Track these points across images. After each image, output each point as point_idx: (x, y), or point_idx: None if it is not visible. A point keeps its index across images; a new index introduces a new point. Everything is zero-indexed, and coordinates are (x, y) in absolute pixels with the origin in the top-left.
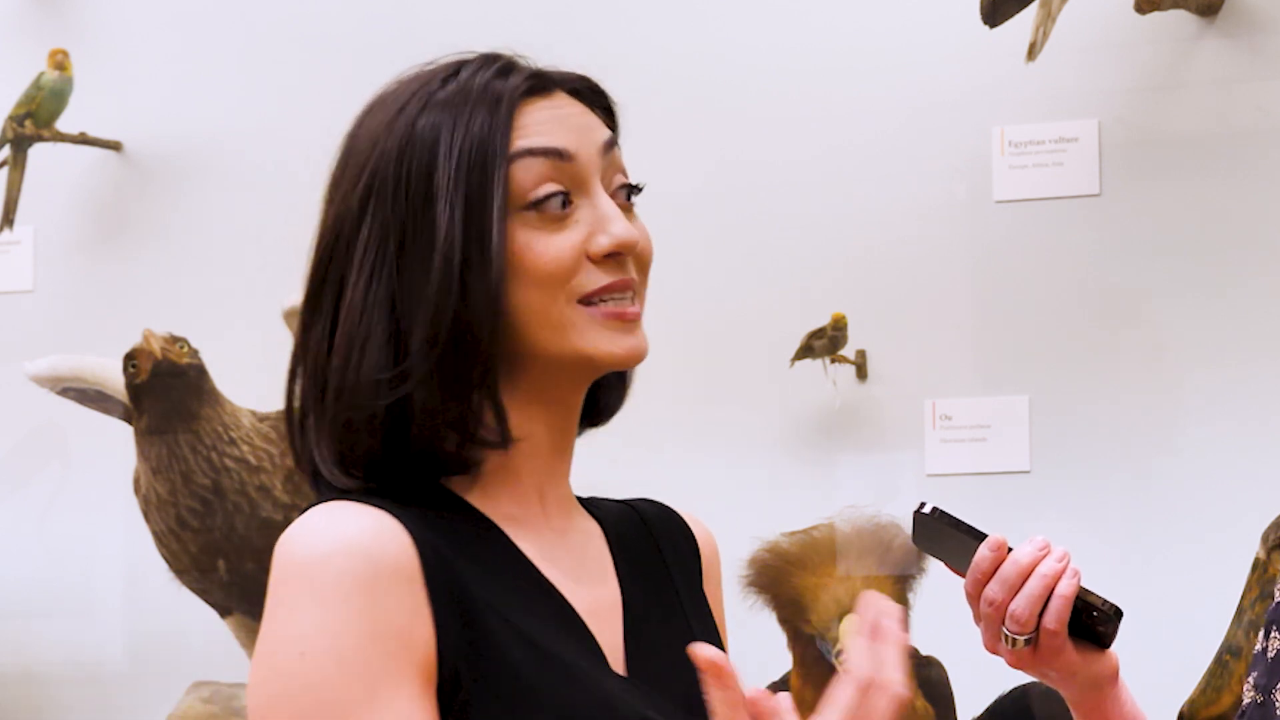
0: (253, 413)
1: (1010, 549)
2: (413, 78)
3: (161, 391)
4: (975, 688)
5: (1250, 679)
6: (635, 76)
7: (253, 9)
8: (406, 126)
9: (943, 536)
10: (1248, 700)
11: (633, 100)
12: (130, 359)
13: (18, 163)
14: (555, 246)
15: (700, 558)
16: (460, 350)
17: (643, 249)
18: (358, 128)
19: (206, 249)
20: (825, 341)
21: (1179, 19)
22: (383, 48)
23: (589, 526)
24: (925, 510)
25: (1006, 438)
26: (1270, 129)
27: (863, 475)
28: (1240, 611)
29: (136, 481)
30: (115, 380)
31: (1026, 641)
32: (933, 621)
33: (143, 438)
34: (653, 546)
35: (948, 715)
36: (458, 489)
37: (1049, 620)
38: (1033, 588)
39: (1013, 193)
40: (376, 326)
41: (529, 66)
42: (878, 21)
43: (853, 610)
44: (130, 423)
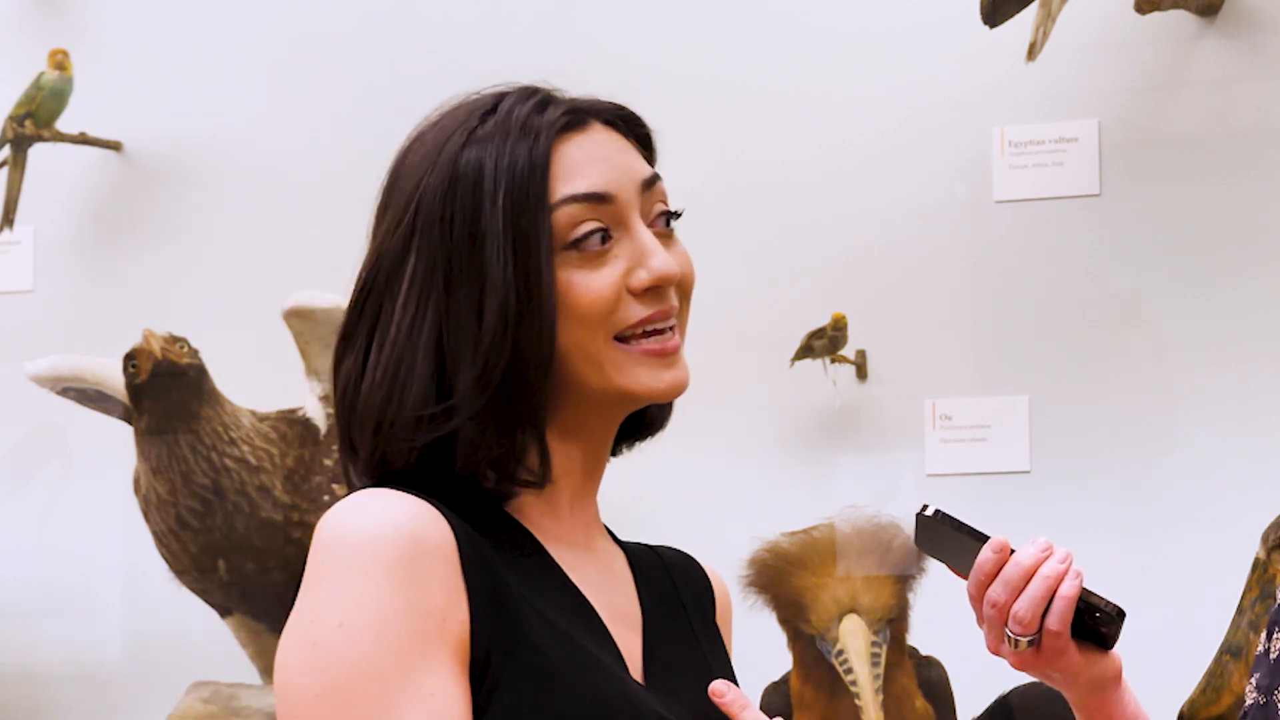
0: (253, 413)
1: (1013, 550)
2: (455, 109)
3: (161, 391)
4: (975, 688)
5: (1253, 680)
6: (635, 77)
7: (252, 9)
8: (449, 164)
9: (945, 538)
10: (1250, 701)
11: (632, 101)
12: (130, 359)
13: (18, 163)
14: (597, 284)
15: (715, 606)
16: (510, 390)
17: (684, 277)
18: (402, 161)
19: (206, 249)
20: (825, 341)
21: (1179, 19)
22: (383, 48)
23: (612, 549)
24: (927, 512)
25: (1006, 438)
26: (1270, 129)
27: (863, 475)
28: (1240, 611)
29: (136, 481)
30: (115, 380)
31: (1030, 643)
32: (933, 621)
33: (143, 438)
34: (670, 585)
35: (948, 715)
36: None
37: (1052, 621)
38: (1035, 589)
39: (1013, 193)
40: (422, 362)
41: (565, 99)
42: (878, 21)
43: (853, 610)
44: (130, 423)
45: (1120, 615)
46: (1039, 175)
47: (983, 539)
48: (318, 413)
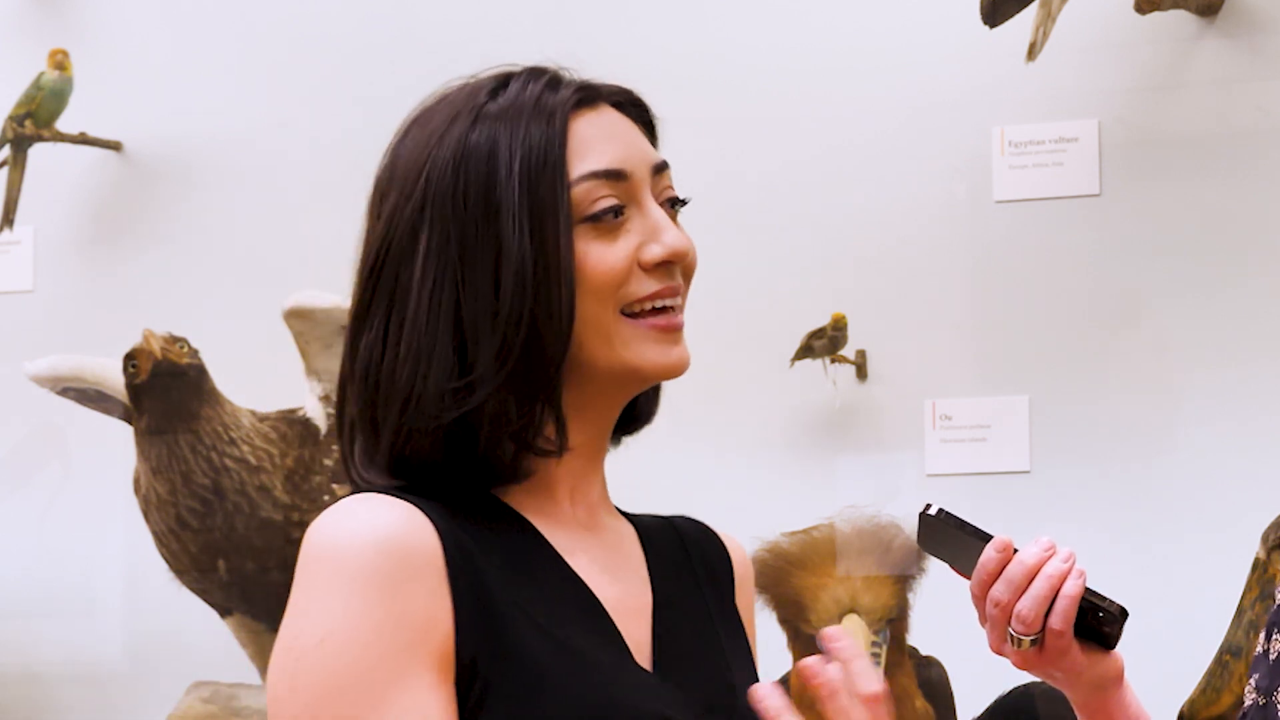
0: (253, 413)
1: (1016, 550)
2: (457, 90)
3: (161, 391)
4: (975, 688)
5: (1252, 681)
6: (635, 77)
7: (252, 9)
8: (459, 139)
9: (948, 538)
10: (1249, 702)
11: None
12: (130, 359)
13: (18, 163)
14: (611, 256)
15: (734, 575)
16: (529, 362)
17: (691, 258)
18: (402, 141)
19: (206, 249)
20: (825, 341)
21: (1179, 19)
22: (383, 48)
23: (623, 528)
24: (931, 512)
25: (1006, 438)
26: (1270, 129)
27: (863, 475)
28: (1240, 611)
29: (136, 481)
30: (115, 380)
31: (1032, 642)
32: (933, 621)
33: (143, 438)
34: (685, 558)
35: (948, 715)
36: (494, 490)
37: (1055, 621)
38: (1038, 588)
39: (1013, 193)
40: (442, 337)
41: (575, 79)
42: (878, 21)
43: (853, 610)
44: (130, 423)
45: (1123, 615)
46: (1039, 175)
47: (986, 538)
48: (318, 413)
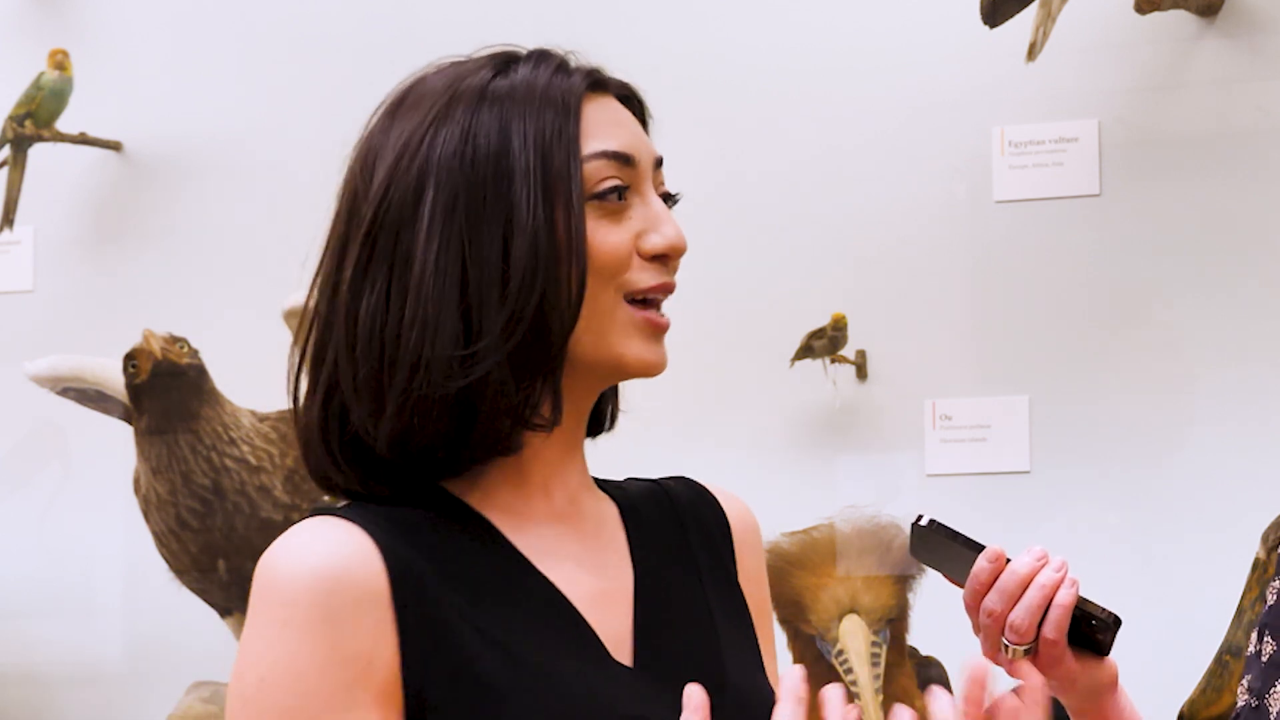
0: (253, 413)
1: (1008, 560)
2: (454, 66)
3: (161, 391)
4: None
5: (1244, 682)
6: (635, 77)
7: (252, 9)
8: (469, 107)
9: (941, 548)
10: (1242, 703)
11: None
12: (130, 359)
13: (18, 163)
14: (615, 237)
15: (732, 537)
16: (536, 337)
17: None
18: (391, 116)
19: (206, 249)
20: (825, 341)
21: (1179, 19)
22: (383, 48)
23: (603, 513)
24: (923, 522)
25: (1006, 438)
26: (1270, 129)
27: (863, 475)
28: (1240, 612)
29: (136, 481)
30: (115, 380)
31: (1026, 651)
32: (933, 621)
33: (143, 438)
34: (678, 529)
35: None
36: (457, 490)
37: (1048, 630)
38: (1031, 598)
39: (1013, 193)
40: (448, 302)
41: (582, 65)
42: (878, 21)
43: (853, 610)
44: (130, 423)
45: (1116, 623)
46: (1039, 175)
47: (978, 548)
48: None
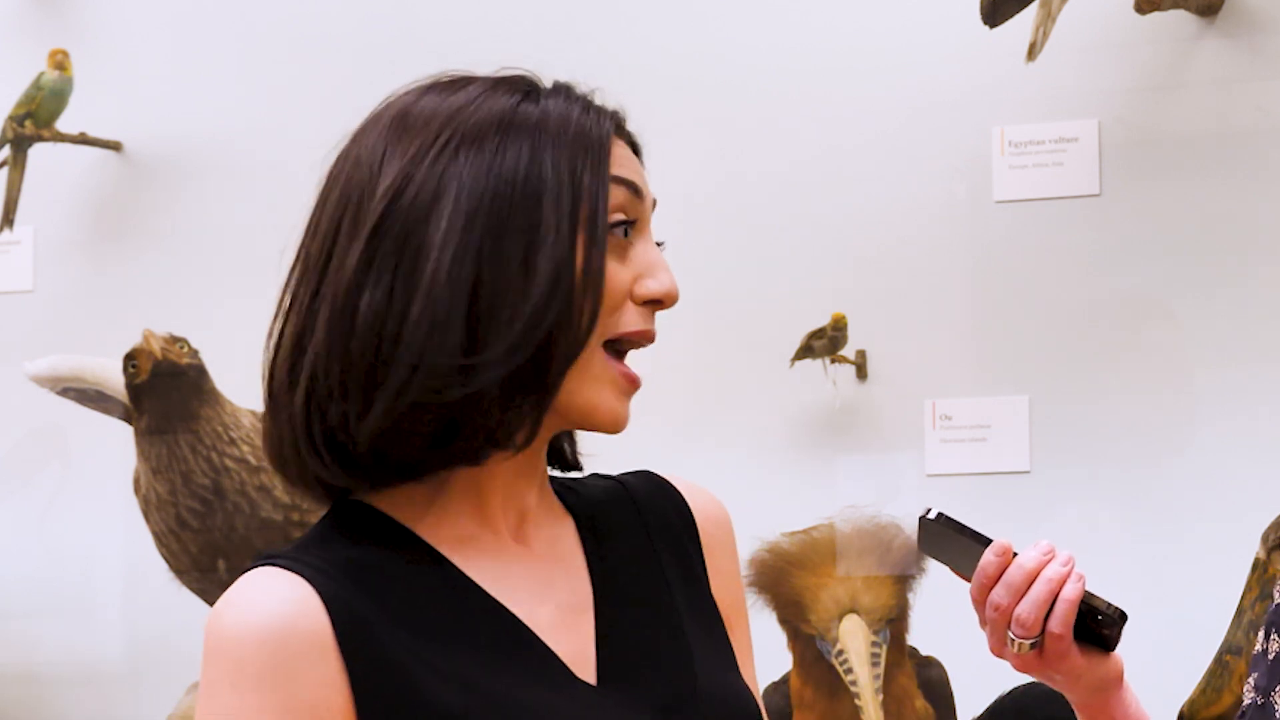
0: (253, 413)
1: (1015, 553)
2: (451, 84)
3: (161, 391)
4: (975, 688)
5: (1250, 680)
6: (635, 77)
7: (252, 9)
8: (495, 129)
9: (947, 542)
10: (1248, 701)
11: (633, 101)
12: (130, 359)
13: (18, 163)
14: (620, 275)
15: (699, 534)
16: (539, 361)
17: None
18: (403, 118)
19: (206, 249)
20: (825, 341)
21: (1179, 19)
22: (383, 48)
23: (561, 527)
24: (930, 516)
25: (1006, 438)
26: (1270, 129)
27: (863, 475)
28: (1240, 612)
29: (136, 481)
30: (115, 380)
31: (1032, 645)
32: (933, 621)
33: (143, 438)
34: (640, 530)
35: (948, 715)
36: (409, 521)
37: (1054, 624)
38: (1038, 592)
39: (1013, 193)
40: (456, 308)
41: (605, 105)
42: (878, 21)
43: (853, 610)
44: (130, 423)
45: (1122, 618)
46: (1039, 175)
47: (985, 542)
48: None
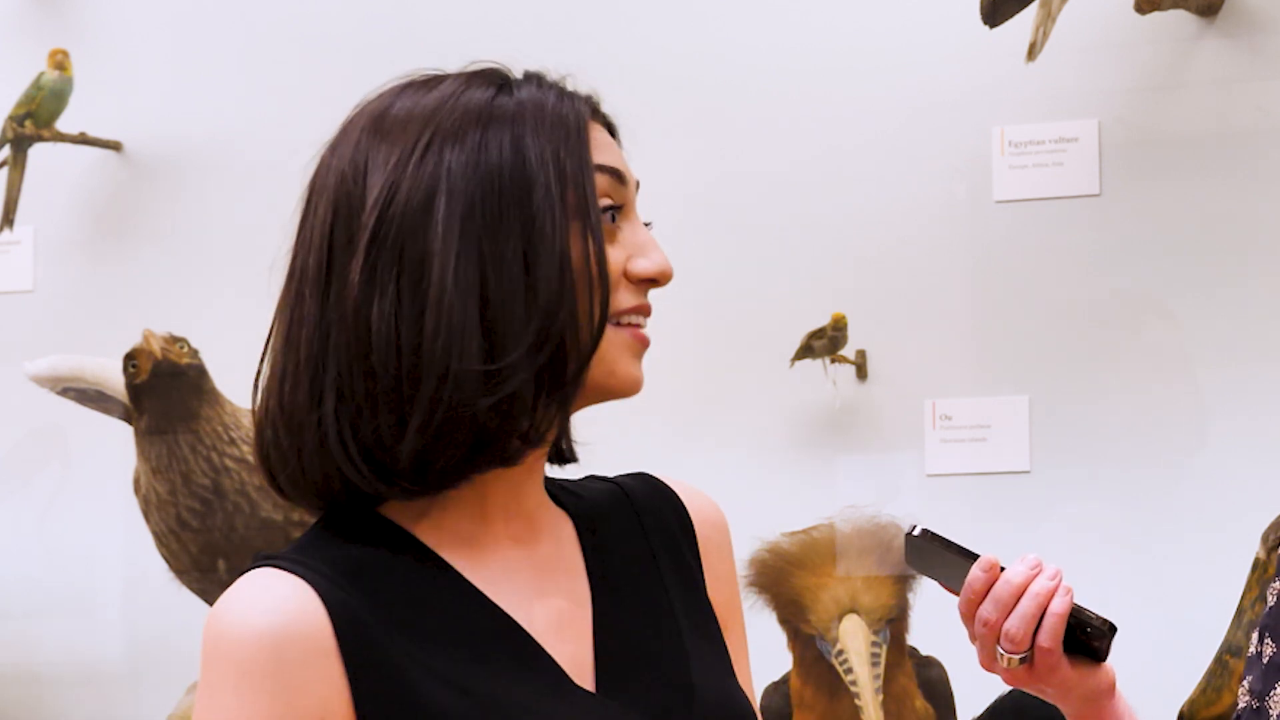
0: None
1: (1003, 568)
2: (425, 82)
3: (161, 391)
4: (975, 688)
5: (1245, 683)
6: (635, 77)
7: (252, 9)
8: (474, 123)
9: (935, 557)
10: (1243, 704)
11: (632, 101)
12: (130, 359)
13: (18, 163)
14: (612, 258)
15: (696, 538)
16: (558, 357)
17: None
18: (380, 119)
19: (206, 249)
20: (825, 341)
21: (1179, 19)
22: (383, 48)
23: (559, 532)
24: (915, 533)
25: (1006, 438)
26: (1270, 129)
27: (863, 475)
28: (1240, 612)
29: (136, 481)
30: (115, 380)
31: (1022, 660)
32: (933, 621)
33: (143, 438)
34: (638, 534)
35: (948, 715)
36: (407, 523)
37: (1043, 638)
38: (1026, 607)
39: (1013, 193)
40: (470, 315)
41: (579, 90)
42: (878, 21)
43: (853, 610)
44: (130, 423)
45: (1111, 630)
46: (1039, 175)
47: (972, 557)
48: None
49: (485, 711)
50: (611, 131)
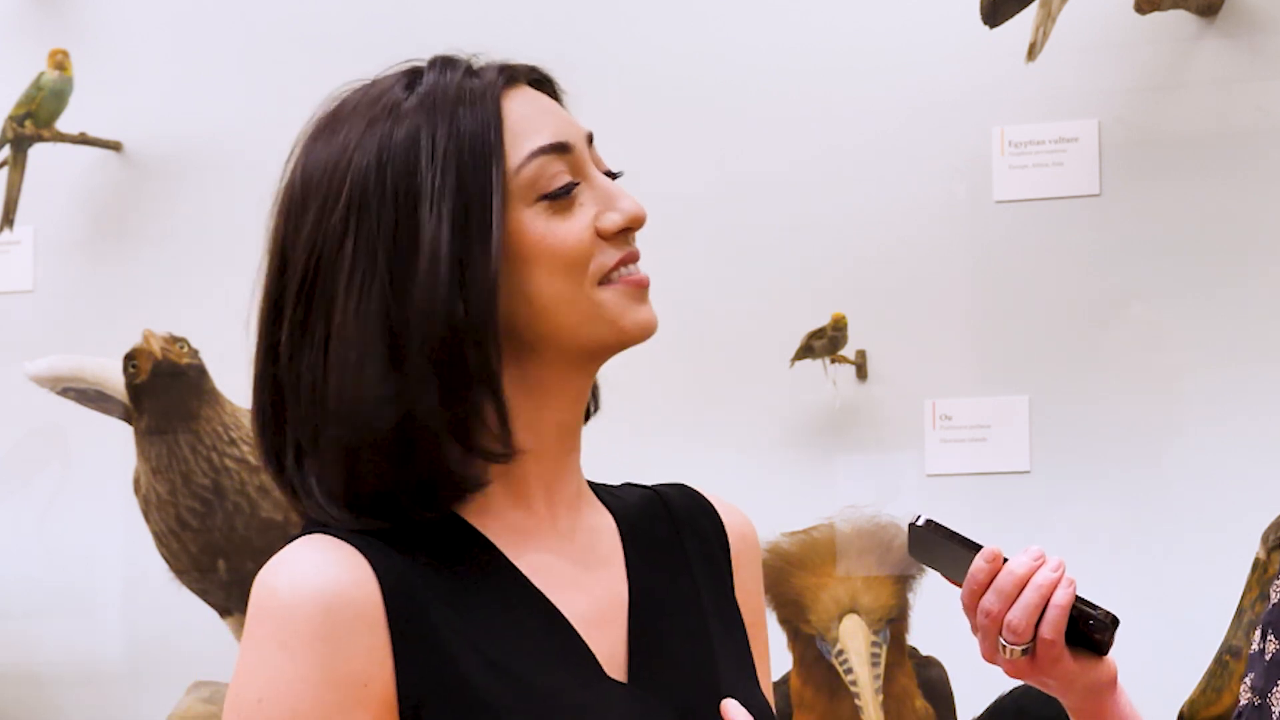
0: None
1: (1005, 559)
2: (361, 92)
3: (161, 391)
4: (975, 688)
5: (1247, 681)
6: (635, 77)
7: (253, 9)
8: (382, 137)
9: (938, 548)
10: (1244, 702)
11: (632, 100)
12: (130, 359)
13: (18, 163)
14: (574, 229)
15: (729, 549)
16: (458, 348)
17: (644, 222)
18: (311, 148)
19: (206, 249)
20: (825, 341)
21: (1179, 19)
22: (383, 48)
23: (601, 523)
24: (919, 523)
25: (1006, 438)
26: (1270, 129)
27: (863, 475)
28: (1240, 612)
29: (136, 481)
30: (115, 380)
31: (1024, 651)
32: (933, 621)
33: (143, 438)
34: (674, 538)
35: (948, 715)
36: (458, 507)
37: (1045, 630)
38: (1029, 598)
39: (1013, 193)
40: (374, 342)
41: (490, 63)
42: (878, 21)
43: (853, 610)
44: (130, 423)
45: (1114, 622)
46: (1039, 175)
47: (975, 548)
48: None
49: (521, 692)
50: (542, 83)
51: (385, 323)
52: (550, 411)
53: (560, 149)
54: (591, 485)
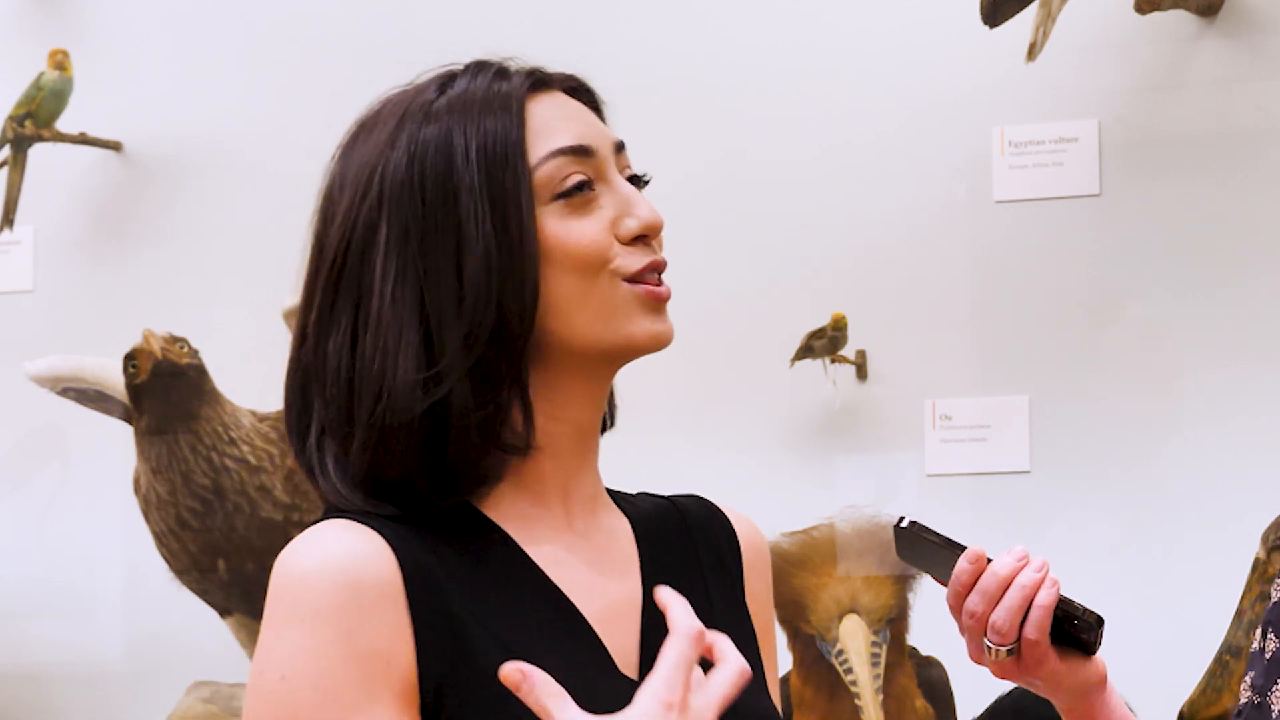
0: (252, 413)
1: (989, 560)
2: (400, 95)
3: (161, 391)
4: (975, 688)
5: (1247, 679)
6: (635, 76)
7: (252, 9)
8: (412, 136)
9: (923, 549)
10: (1244, 700)
11: (632, 100)
12: (130, 359)
13: (18, 163)
14: (589, 230)
15: (741, 559)
16: (497, 346)
17: (662, 231)
18: (350, 149)
19: (206, 249)
20: (825, 341)
21: (1179, 19)
22: (383, 48)
23: (616, 524)
24: (903, 524)
25: (1006, 438)
26: (1270, 129)
27: (863, 475)
28: (1240, 612)
29: (136, 481)
30: (115, 380)
31: (1009, 652)
32: (933, 621)
33: (143, 438)
34: (688, 546)
35: (948, 715)
36: (473, 498)
37: (1029, 630)
38: (1012, 599)
39: (1013, 193)
40: (409, 330)
41: (524, 66)
42: (878, 21)
43: (853, 610)
44: (130, 423)
45: (1099, 622)
46: (1039, 175)
47: (959, 549)
48: None
49: None
50: (579, 91)
51: (420, 312)
52: (566, 412)
53: (579, 151)
54: (610, 492)
